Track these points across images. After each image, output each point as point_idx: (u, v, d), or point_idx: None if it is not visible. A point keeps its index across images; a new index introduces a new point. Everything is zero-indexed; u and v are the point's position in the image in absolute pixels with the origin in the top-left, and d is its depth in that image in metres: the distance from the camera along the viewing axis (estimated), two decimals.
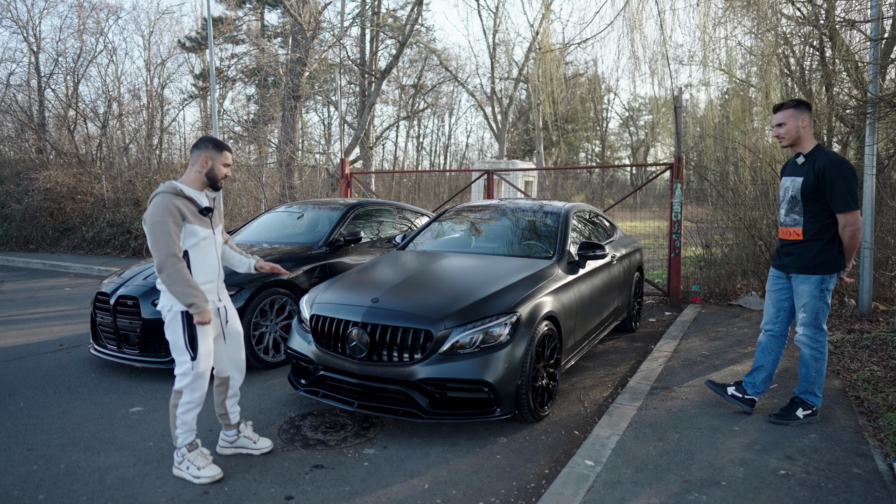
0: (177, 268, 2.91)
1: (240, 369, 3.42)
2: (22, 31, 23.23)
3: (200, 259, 3.10)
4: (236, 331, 3.37)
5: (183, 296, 2.92)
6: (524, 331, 3.71)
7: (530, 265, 4.44)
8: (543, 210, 5.38)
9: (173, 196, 2.99)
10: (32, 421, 3.95)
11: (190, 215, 3.02)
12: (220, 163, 3.17)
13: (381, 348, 3.65)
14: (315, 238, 5.95)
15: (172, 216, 2.93)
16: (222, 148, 3.20)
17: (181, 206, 2.99)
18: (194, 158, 3.15)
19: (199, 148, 3.15)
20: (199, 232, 3.06)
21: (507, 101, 26.33)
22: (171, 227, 2.92)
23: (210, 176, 3.16)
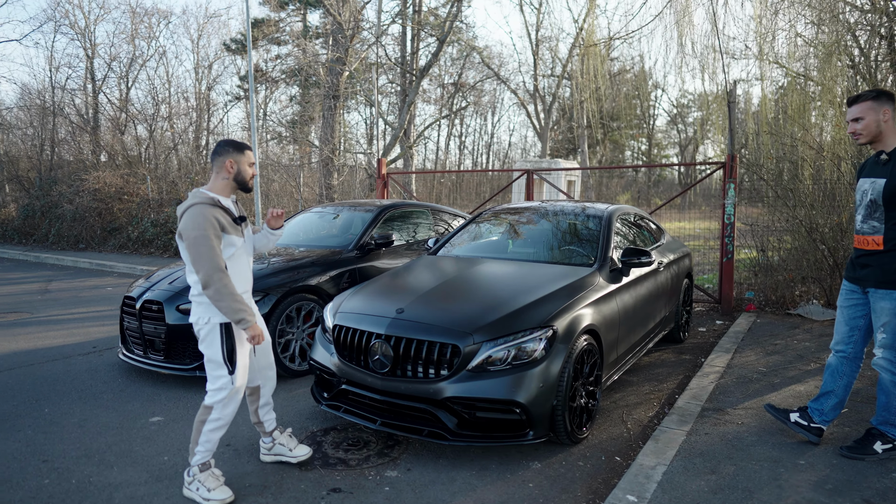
0: (224, 283, 2.79)
1: (270, 377, 3.33)
2: (79, 38, 24.10)
3: (236, 269, 2.99)
4: (266, 341, 3.25)
5: (231, 311, 2.80)
6: (561, 346, 3.40)
7: (569, 273, 4.12)
8: (585, 213, 5.03)
9: (210, 206, 2.86)
10: (53, 429, 3.87)
11: (227, 225, 2.91)
12: (245, 163, 3.04)
13: (405, 363, 3.40)
14: (345, 241, 5.76)
15: (213, 228, 2.81)
16: (243, 148, 3.06)
17: (219, 216, 2.87)
18: (218, 165, 3.01)
19: (221, 153, 3.01)
20: (235, 242, 2.95)
21: (550, 98, 25.80)
22: (213, 240, 2.79)
23: (238, 179, 3.03)
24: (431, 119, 25.86)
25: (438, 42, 13.48)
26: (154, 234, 13.22)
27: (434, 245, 5.28)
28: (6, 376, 4.99)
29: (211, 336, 2.92)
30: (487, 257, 4.70)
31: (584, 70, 13.19)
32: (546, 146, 25.66)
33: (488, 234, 5.29)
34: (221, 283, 2.78)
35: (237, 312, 2.80)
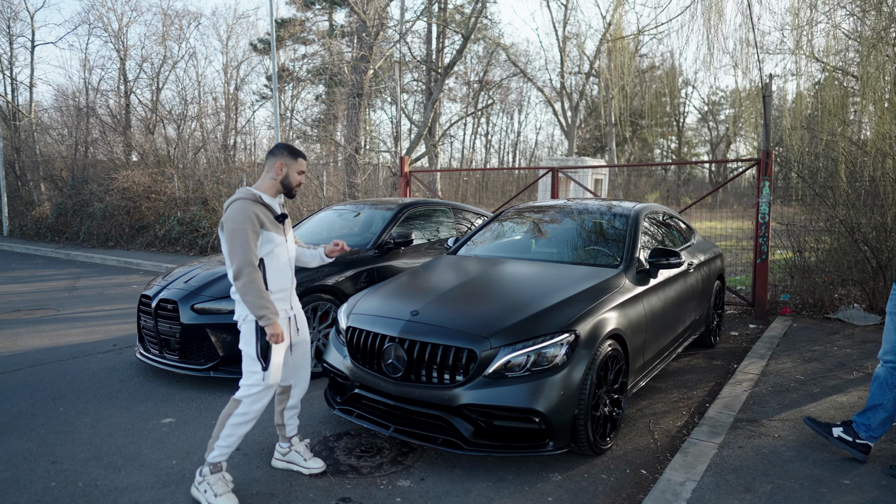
0: (252, 278, 2.82)
1: (304, 380, 3.34)
2: (112, 41, 24.56)
3: (275, 266, 3.01)
4: (305, 340, 3.27)
5: (254, 307, 2.83)
6: (583, 352, 3.22)
7: (594, 274, 3.93)
8: (611, 211, 4.82)
9: (252, 203, 2.92)
10: (66, 429, 3.83)
11: (267, 222, 2.95)
12: (295, 170, 3.10)
13: (419, 367, 3.26)
14: (363, 240, 5.64)
15: (251, 223, 2.86)
16: (297, 155, 3.12)
17: (259, 212, 2.92)
18: (269, 165, 3.08)
19: (275, 155, 3.08)
20: (274, 238, 2.98)
21: (577, 96, 25.43)
22: (250, 235, 2.85)
23: (285, 183, 3.08)
24: (457, 117, 25.70)
25: (463, 38, 13.31)
26: (180, 232, 13.34)
27: (454, 244, 5.13)
28: (27, 374, 4.99)
29: (248, 332, 2.94)
30: (508, 257, 4.53)
31: (612, 66, 12.90)
32: (573, 144, 25.29)
33: (510, 234, 5.12)
34: (250, 277, 2.81)
35: (260, 308, 2.82)
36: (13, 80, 23.55)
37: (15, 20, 24.10)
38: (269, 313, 2.84)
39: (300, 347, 3.26)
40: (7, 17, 23.92)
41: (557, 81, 25.58)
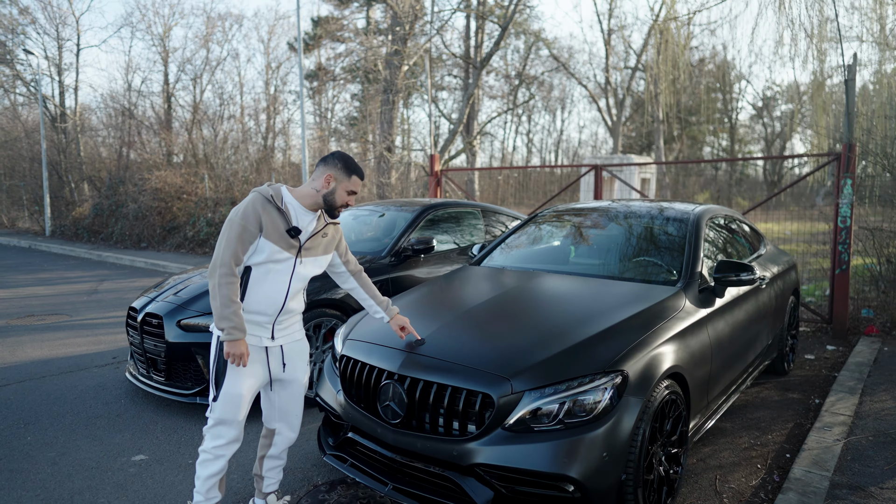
0: (223, 281, 2.37)
1: (291, 426, 2.76)
2: (156, 43, 24.80)
3: (260, 284, 2.48)
4: (296, 380, 2.71)
5: (217, 315, 2.38)
6: (633, 399, 2.49)
7: (645, 294, 3.18)
8: (665, 215, 4.05)
9: (262, 201, 2.45)
10: (24, 465, 3.32)
11: (271, 230, 2.43)
12: (345, 188, 2.55)
13: (421, 412, 2.59)
14: (378, 246, 5.01)
15: (248, 221, 2.40)
16: (352, 171, 2.56)
17: (265, 216, 2.43)
18: (317, 173, 2.57)
19: (326, 163, 2.56)
20: (272, 252, 2.45)
21: (622, 92, 24.32)
22: (240, 233, 2.39)
23: (328, 200, 2.54)
24: (495, 114, 24.94)
25: (501, 28, 12.58)
26: (208, 233, 13.05)
27: (479, 253, 4.44)
28: (12, 391, 4.56)
29: (212, 344, 2.54)
30: (541, 270, 3.82)
31: (661, 60, 11.95)
32: (618, 142, 24.20)
33: (545, 241, 4.40)
34: (221, 279, 2.37)
35: (222, 319, 2.36)
36: (61, 83, 24.02)
37: (63, 25, 24.61)
38: (230, 327, 2.36)
39: (289, 388, 2.69)
40: (56, 22, 24.45)
41: (602, 77, 24.53)
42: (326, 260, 2.67)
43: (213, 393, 2.47)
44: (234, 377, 2.46)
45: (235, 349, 2.37)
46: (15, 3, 25.04)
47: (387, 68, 14.27)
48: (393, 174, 14.06)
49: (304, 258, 2.55)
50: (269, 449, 2.75)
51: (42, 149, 17.93)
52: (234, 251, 2.37)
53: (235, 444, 2.53)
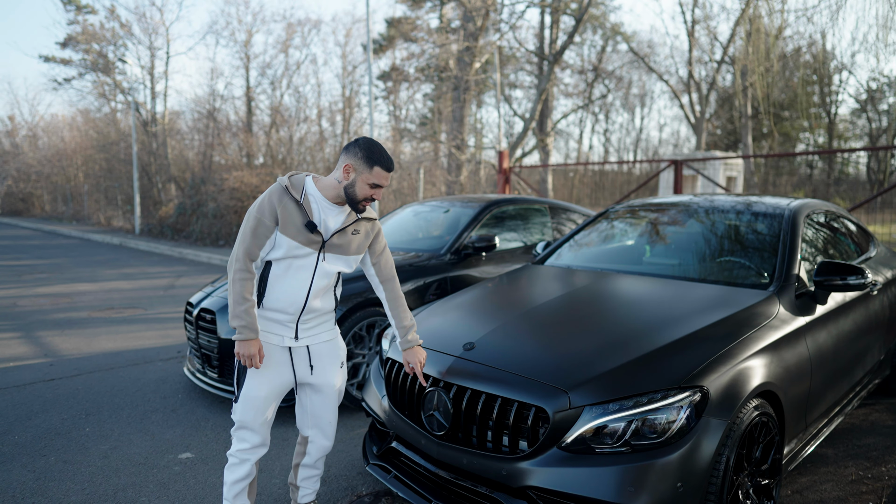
0: (237, 277, 2.22)
1: (325, 434, 2.55)
2: (239, 50, 25.87)
3: (280, 281, 2.30)
4: (327, 384, 2.48)
5: (230, 314, 2.24)
6: (716, 420, 2.12)
7: (731, 298, 2.78)
8: (754, 210, 3.58)
9: (281, 193, 2.27)
10: (77, 458, 3.32)
11: (289, 223, 2.24)
12: (366, 181, 2.27)
13: (468, 424, 2.32)
14: (437, 244, 4.78)
15: (264, 216, 2.23)
16: (374, 162, 2.26)
17: (281, 208, 2.24)
18: (340, 162, 2.32)
19: (348, 152, 2.30)
20: (289, 247, 2.25)
21: (707, 86, 23.04)
22: (255, 227, 2.23)
23: (348, 193, 2.29)
24: (570, 111, 24.26)
25: (576, 20, 12.10)
26: None
27: (543, 251, 4.12)
28: (82, 381, 4.67)
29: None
30: (612, 270, 3.46)
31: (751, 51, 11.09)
32: (702, 139, 22.93)
33: (617, 238, 4.03)
34: (235, 275, 2.22)
35: (234, 317, 2.21)
36: (153, 90, 25.48)
37: (156, 35, 26.11)
38: (241, 326, 2.20)
39: (320, 392, 2.47)
40: (149, 32, 25.97)
41: (685, 71, 23.34)
42: (357, 259, 2.44)
43: (235, 393, 2.34)
44: (254, 379, 2.30)
45: (246, 349, 2.20)
46: (116, 17, 26.85)
47: (458, 65, 14.09)
48: (462, 172, 13.86)
49: (328, 254, 2.32)
50: (304, 457, 2.57)
51: (133, 151, 19.01)
52: (249, 246, 2.22)
53: (261, 449, 2.36)
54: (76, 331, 6.36)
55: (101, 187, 24.90)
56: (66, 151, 29.53)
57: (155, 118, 23.65)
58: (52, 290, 8.99)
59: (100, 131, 27.65)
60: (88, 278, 10.19)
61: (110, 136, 26.23)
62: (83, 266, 11.92)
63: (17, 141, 34.19)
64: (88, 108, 30.83)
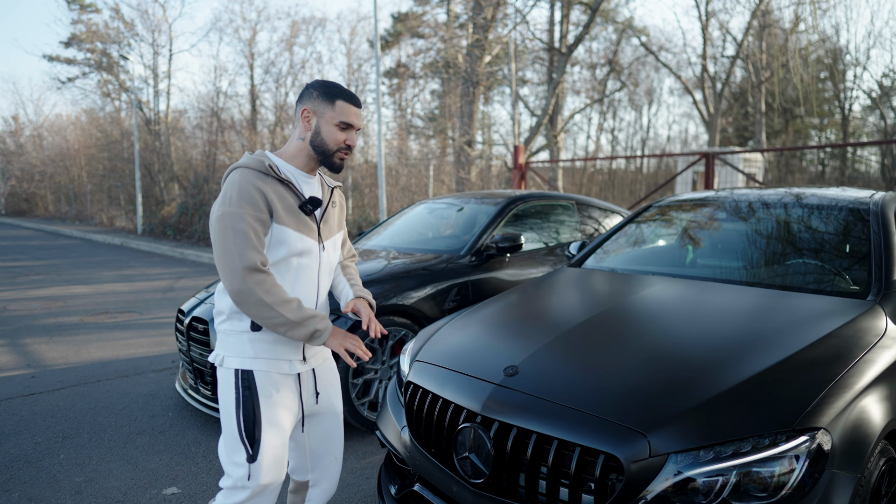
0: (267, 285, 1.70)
1: (329, 474, 2.09)
2: (243, 48, 25.50)
3: (288, 288, 1.81)
4: (332, 412, 2.05)
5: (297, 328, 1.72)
6: (842, 474, 1.63)
7: (821, 309, 2.29)
8: (825, 204, 3.09)
9: (255, 174, 1.75)
10: (44, 493, 2.86)
11: (282, 210, 1.76)
12: (331, 121, 1.81)
13: (514, 469, 1.85)
14: (457, 244, 4.30)
15: (253, 206, 1.71)
16: (334, 96, 1.81)
17: (269, 191, 1.74)
18: (295, 117, 1.88)
19: (302, 99, 1.85)
20: (291, 241, 1.78)
21: (721, 82, 22.50)
22: (250, 224, 1.69)
23: (316, 144, 1.83)
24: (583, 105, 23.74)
25: (591, 10, 11.61)
26: None
27: (578, 252, 3.64)
28: (64, 395, 4.23)
29: (224, 392, 1.81)
30: (664, 274, 2.98)
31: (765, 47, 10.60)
32: (715, 136, 22.38)
33: (665, 237, 3.54)
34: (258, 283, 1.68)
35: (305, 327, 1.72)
36: (156, 88, 25.11)
37: (158, 32, 25.75)
38: (318, 323, 1.75)
39: (324, 422, 2.03)
40: (152, 29, 25.61)
41: (698, 66, 22.79)
42: (341, 238, 2.01)
43: (248, 452, 1.77)
44: (272, 421, 1.79)
45: (339, 337, 1.78)
46: (120, 16, 26.52)
47: (467, 59, 13.62)
48: (473, 169, 13.39)
49: (325, 241, 1.88)
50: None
51: (135, 150, 18.63)
52: (254, 249, 1.69)
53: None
54: (65, 338, 5.92)
55: (104, 187, 24.56)
56: (69, 151, 29.21)
57: (158, 117, 23.29)
58: (45, 292, 8.57)
59: (103, 130, 27.32)
60: (85, 280, 9.77)
61: (114, 135, 25.88)
62: (81, 267, 11.51)
63: (22, 141, 33.92)
64: (92, 108, 30.55)
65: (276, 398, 1.80)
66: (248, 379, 1.78)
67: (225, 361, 1.80)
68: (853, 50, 29.66)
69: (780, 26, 20.84)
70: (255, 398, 1.77)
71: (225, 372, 1.81)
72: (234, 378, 1.79)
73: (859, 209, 2.91)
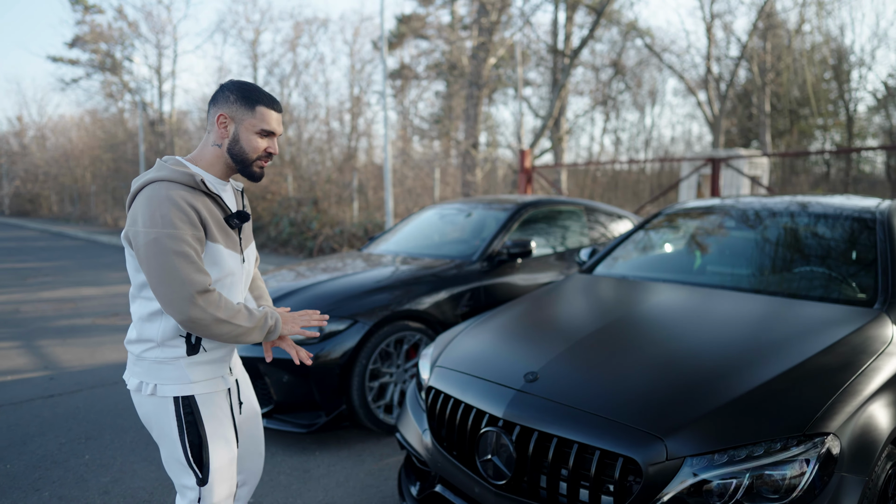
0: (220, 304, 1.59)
1: (257, 470, 2.05)
2: (246, 49, 25.58)
3: None
4: (254, 413, 2.01)
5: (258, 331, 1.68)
6: (851, 477, 1.72)
7: (830, 317, 2.37)
8: (834, 212, 3.17)
9: (186, 189, 1.62)
10: (74, 493, 2.95)
11: (214, 226, 1.65)
12: (250, 128, 1.69)
13: (536, 472, 1.93)
14: (468, 249, 4.39)
15: (191, 225, 1.59)
16: (254, 101, 1.68)
17: (200, 207, 1.63)
18: (209, 121, 1.72)
19: (216, 102, 1.70)
20: (224, 260, 1.69)
21: (725, 83, 22.56)
22: (191, 245, 1.57)
23: (235, 152, 1.70)
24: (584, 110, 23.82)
25: (596, 13, 11.68)
26: (291, 233, 12.97)
27: (589, 258, 3.72)
28: (83, 397, 4.32)
29: (162, 420, 1.70)
30: (675, 281, 3.06)
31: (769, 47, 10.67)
32: (719, 137, 22.43)
33: (676, 245, 3.62)
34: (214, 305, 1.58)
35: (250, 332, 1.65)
36: (160, 89, 25.24)
37: (163, 33, 25.87)
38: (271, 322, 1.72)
39: (250, 425, 1.98)
40: (156, 30, 25.73)
41: (702, 67, 22.85)
42: (253, 244, 1.92)
43: (197, 475, 1.71)
44: (218, 439, 1.74)
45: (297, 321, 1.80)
46: (124, 17, 26.65)
47: (472, 61, 13.70)
48: (478, 172, 13.47)
49: (245, 252, 1.80)
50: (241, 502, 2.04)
51: (140, 151, 18.73)
52: (198, 268, 1.58)
53: None
54: (79, 339, 6.01)
55: (109, 188, 24.65)
56: (73, 152, 29.33)
57: (162, 117, 23.40)
58: (55, 294, 8.66)
59: (107, 131, 27.44)
60: (94, 282, 9.87)
61: (118, 136, 26.00)
62: (89, 269, 11.61)
63: (26, 142, 34.07)
64: (96, 109, 30.68)
65: (219, 415, 1.75)
66: (190, 404, 1.70)
67: (158, 390, 1.68)
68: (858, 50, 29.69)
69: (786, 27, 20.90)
70: (199, 422, 1.70)
71: (159, 401, 1.70)
72: (173, 406, 1.69)
73: (865, 218, 2.99)
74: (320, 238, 11.96)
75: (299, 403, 3.42)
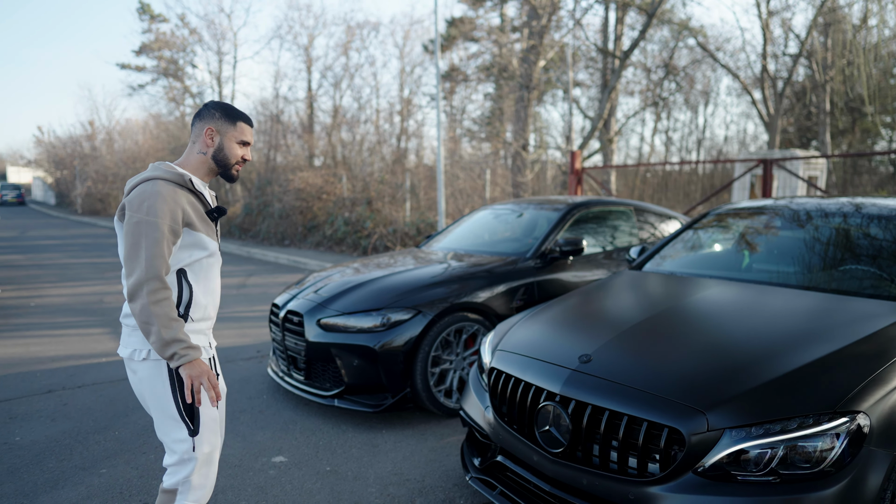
0: (160, 297, 1.87)
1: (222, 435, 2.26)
2: (301, 54, 26.44)
3: (203, 285, 2.06)
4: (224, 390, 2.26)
5: (161, 342, 1.86)
6: (879, 451, 1.90)
7: (869, 311, 2.53)
8: (880, 214, 3.28)
9: (174, 186, 1.98)
10: None
11: (196, 219, 2.01)
12: (233, 139, 2.10)
13: (589, 442, 2.18)
14: (522, 247, 4.64)
15: (172, 218, 1.92)
16: (236, 118, 2.11)
17: (185, 203, 1.98)
18: (195, 133, 2.10)
19: (202, 118, 2.08)
20: (206, 244, 2.04)
21: (782, 81, 21.98)
22: (165, 236, 1.90)
23: (219, 158, 2.10)
24: (635, 110, 23.62)
25: (647, 16, 11.69)
26: (345, 232, 13.46)
27: (638, 256, 3.92)
28: None
29: (154, 380, 1.98)
30: (721, 277, 3.24)
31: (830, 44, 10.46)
32: (775, 136, 21.86)
33: (722, 243, 3.79)
34: (156, 296, 1.86)
35: (169, 344, 1.85)
36: (220, 94, 26.36)
37: (223, 40, 27.00)
38: (184, 347, 1.88)
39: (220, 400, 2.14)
40: (217, 38, 26.88)
41: (757, 65, 22.32)
42: None
43: (189, 427, 1.98)
44: (205, 396, 2.00)
45: (198, 369, 1.89)
46: (186, 25, 27.96)
47: (522, 64, 13.89)
48: (528, 173, 13.65)
49: (219, 241, 2.15)
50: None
51: None
52: (163, 259, 1.88)
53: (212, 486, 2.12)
54: None
55: None
56: (139, 154, 30.92)
57: None
58: None
59: (171, 134, 28.81)
60: None
61: (181, 138, 27.27)
62: None
63: (96, 144, 36.07)
64: (160, 113, 32.25)
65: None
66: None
67: (151, 354, 1.95)
68: None
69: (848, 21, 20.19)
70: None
71: (152, 364, 1.96)
72: (165, 366, 1.95)
73: None
74: (374, 237, 12.40)
75: (368, 386, 3.75)
